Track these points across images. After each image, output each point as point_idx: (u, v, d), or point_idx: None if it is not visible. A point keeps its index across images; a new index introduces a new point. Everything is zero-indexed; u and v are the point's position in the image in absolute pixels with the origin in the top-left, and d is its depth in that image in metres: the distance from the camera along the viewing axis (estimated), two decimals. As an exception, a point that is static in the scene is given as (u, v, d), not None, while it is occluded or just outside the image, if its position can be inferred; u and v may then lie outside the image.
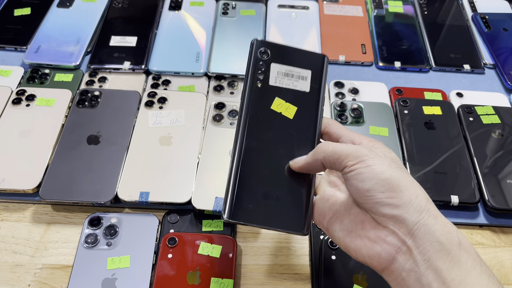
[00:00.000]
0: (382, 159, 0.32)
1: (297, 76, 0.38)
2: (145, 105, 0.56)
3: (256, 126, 0.36)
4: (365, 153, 0.32)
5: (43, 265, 0.45)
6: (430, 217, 0.30)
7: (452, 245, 0.29)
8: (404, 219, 0.30)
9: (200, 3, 0.71)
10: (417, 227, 0.30)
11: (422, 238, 0.29)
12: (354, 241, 0.32)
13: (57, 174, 0.49)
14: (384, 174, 0.31)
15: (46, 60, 0.61)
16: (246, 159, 0.35)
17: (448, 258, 0.29)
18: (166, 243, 0.44)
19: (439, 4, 0.76)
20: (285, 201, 0.34)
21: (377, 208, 0.31)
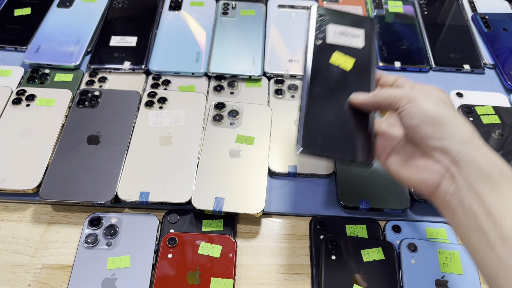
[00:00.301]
0: (431, 99, 0.36)
1: (351, 34, 0.44)
2: (145, 105, 0.56)
3: (319, 77, 0.41)
4: (415, 95, 0.36)
5: (43, 265, 0.45)
6: (473, 148, 0.33)
7: (493, 172, 0.32)
8: (448, 149, 0.34)
9: (200, 3, 0.71)
10: (460, 156, 0.33)
11: (465, 166, 0.33)
12: (406, 171, 0.37)
13: (57, 174, 0.49)
14: (431, 111, 0.35)
15: (46, 60, 0.61)
16: (313, 102, 0.40)
17: (489, 183, 0.32)
18: (166, 243, 0.44)
19: (439, 4, 0.76)
20: (350, 137, 0.39)
21: (425, 141, 0.35)
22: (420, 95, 0.36)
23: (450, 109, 0.36)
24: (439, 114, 0.35)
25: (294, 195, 0.51)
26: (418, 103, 0.36)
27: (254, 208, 0.47)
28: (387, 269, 0.44)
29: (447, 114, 0.35)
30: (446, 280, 0.44)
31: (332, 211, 0.50)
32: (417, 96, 0.36)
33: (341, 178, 0.51)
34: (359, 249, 0.45)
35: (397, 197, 0.49)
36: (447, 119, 0.35)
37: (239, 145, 0.52)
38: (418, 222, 0.49)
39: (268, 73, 0.62)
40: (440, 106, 0.36)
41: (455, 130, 0.34)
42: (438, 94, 0.38)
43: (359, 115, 0.40)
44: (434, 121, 0.35)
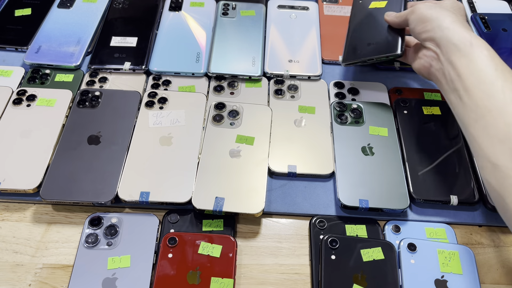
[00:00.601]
0: (426, 6, 0.48)
1: None
2: (146, 105, 0.57)
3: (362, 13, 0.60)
4: (416, 7, 0.49)
5: (44, 265, 0.45)
6: (451, 31, 0.45)
7: (465, 44, 0.43)
8: (433, 37, 0.46)
9: (200, 4, 0.71)
10: (440, 39, 0.45)
11: (444, 46, 0.45)
12: (414, 61, 0.52)
13: (58, 174, 0.49)
14: (421, 13, 0.48)
15: (46, 61, 0.61)
16: (355, 26, 0.60)
17: (460, 53, 0.43)
18: (167, 243, 0.45)
19: (438, 5, 0.76)
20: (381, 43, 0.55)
21: (419, 36, 0.49)
22: (419, 5, 0.49)
23: (440, 9, 0.47)
24: (426, 13, 0.47)
25: (294, 195, 0.51)
26: (414, 11, 0.49)
27: (254, 208, 0.47)
28: (387, 269, 0.44)
29: (434, 13, 0.47)
30: (446, 280, 0.44)
31: (332, 211, 0.50)
32: (416, 7, 0.49)
33: (340, 178, 0.51)
34: (359, 249, 0.45)
35: (397, 197, 0.49)
36: (432, 16, 0.47)
37: (239, 145, 0.52)
38: (418, 222, 0.50)
39: (268, 74, 0.62)
40: (431, 8, 0.47)
41: (438, 22, 0.46)
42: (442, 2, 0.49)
43: (392, 29, 0.55)
44: (423, 19, 0.48)
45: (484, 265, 0.47)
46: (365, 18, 0.60)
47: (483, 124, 0.40)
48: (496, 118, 0.39)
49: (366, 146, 0.54)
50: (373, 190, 0.50)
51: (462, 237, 0.49)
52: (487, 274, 0.47)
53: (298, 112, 0.58)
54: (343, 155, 0.53)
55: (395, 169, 0.52)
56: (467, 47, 0.43)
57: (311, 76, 0.62)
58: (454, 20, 0.45)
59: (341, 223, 0.49)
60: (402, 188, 0.50)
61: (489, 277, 0.47)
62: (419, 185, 0.51)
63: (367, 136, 0.55)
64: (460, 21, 0.45)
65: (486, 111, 0.40)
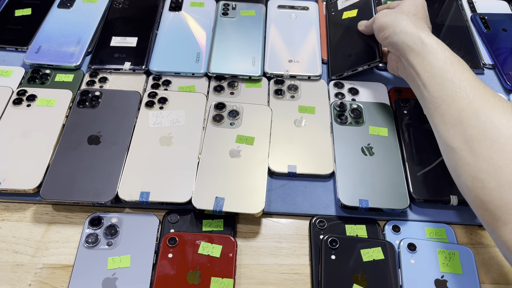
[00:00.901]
0: (383, 14, 0.54)
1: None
2: (146, 105, 0.57)
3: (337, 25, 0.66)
4: (376, 16, 0.55)
5: (44, 265, 0.45)
6: (404, 34, 0.49)
7: (417, 44, 0.48)
8: (392, 43, 0.52)
9: (200, 4, 0.71)
10: (398, 43, 0.50)
11: (402, 48, 0.50)
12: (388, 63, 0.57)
13: (58, 174, 0.49)
14: (379, 22, 0.54)
15: (46, 61, 0.61)
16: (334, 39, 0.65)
17: (415, 53, 0.48)
18: (167, 243, 0.45)
19: (438, 5, 0.76)
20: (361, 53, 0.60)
21: (382, 43, 0.55)
22: (378, 14, 0.55)
23: (395, 15, 0.52)
24: (382, 21, 0.53)
25: (294, 195, 0.51)
26: (374, 20, 0.55)
27: (254, 208, 0.47)
28: (387, 269, 0.44)
29: (389, 20, 0.52)
30: (446, 280, 0.44)
31: (332, 211, 0.50)
32: (375, 16, 0.55)
33: (340, 178, 0.51)
34: (359, 249, 0.45)
35: (397, 197, 0.49)
36: (387, 23, 0.52)
37: (239, 145, 0.52)
38: (418, 222, 0.50)
39: (268, 74, 0.62)
40: (386, 16, 0.53)
41: (393, 28, 0.51)
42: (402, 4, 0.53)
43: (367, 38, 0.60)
44: (381, 28, 0.53)
45: (484, 265, 0.47)
46: (341, 29, 0.65)
47: (440, 112, 0.44)
48: (449, 106, 0.43)
49: (366, 146, 0.54)
50: (373, 190, 0.50)
51: (462, 237, 0.49)
52: (487, 274, 0.47)
53: (298, 112, 0.58)
54: (343, 155, 0.53)
55: (395, 169, 0.52)
56: (418, 46, 0.48)
57: (311, 76, 0.62)
58: (407, 23, 0.50)
59: (341, 223, 0.49)
60: (402, 188, 0.50)
61: (489, 277, 0.47)
62: (419, 185, 0.51)
63: (367, 136, 0.55)
64: (413, 22, 0.50)
65: (440, 101, 0.44)
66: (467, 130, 0.41)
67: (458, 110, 0.42)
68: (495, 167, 0.38)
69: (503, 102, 0.41)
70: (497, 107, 0.40)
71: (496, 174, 0.38)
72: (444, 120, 0.43)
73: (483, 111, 0.40)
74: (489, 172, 0.38)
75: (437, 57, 0.46)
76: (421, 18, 0.52)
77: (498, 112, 0.40)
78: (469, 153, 0.40)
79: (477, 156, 0.39)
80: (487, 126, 0.39)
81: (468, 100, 0.42)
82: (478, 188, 0.39)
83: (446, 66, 0.45)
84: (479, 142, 0.39)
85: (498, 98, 0.41)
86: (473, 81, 0.43)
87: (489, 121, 0.40)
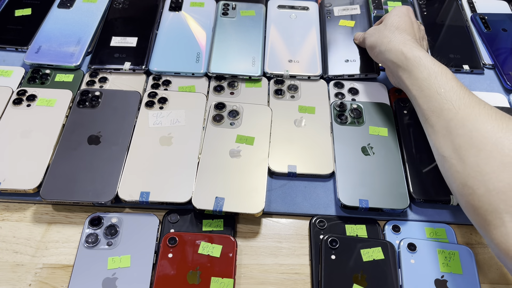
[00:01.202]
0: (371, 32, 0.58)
1: (351, 8, 0.71)
2: (146, 105, 0.57)
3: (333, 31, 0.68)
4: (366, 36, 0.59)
5: (44, 265, 0.45)
6: (389, 52, 0.52)
7: (401, 61, 0.50)
8: (381, 61, 0.56)
9: (200, 4, 0.71)
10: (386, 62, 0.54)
11: (390, 65, 0.53)
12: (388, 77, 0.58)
13: (58, 174, 0.49)
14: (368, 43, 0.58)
15: (46, 61, 0.61)
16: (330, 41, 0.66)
17: (400, 68, 0.51)
18: (167, 243, 0.45)
19: (438, 5, 0.76)
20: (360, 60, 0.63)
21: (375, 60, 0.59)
22: (366, 35, 0.59)
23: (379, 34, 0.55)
24: (370, 42, 0.57)
25: (294, 195, 0.51)
26: (364, 40, 0.60)
27: (254, 208, 0.47)
28: (387, 268, 0.44)
29: (373, 40, 0.56)
30: (446, 280, 0.44)
31: (332, 211, 0.50)
32: (365, 36, 0.60)
33: (340, 178, 0.51)
34: (359, 249, 0.45)
35: (397, 197, 0.49)
36: (373, 44, 0.56)
37: (239, 145, 0.52)
38: (418, 222, 0.50)
39: (268, 74, 0.62)
40: (372, 35, 0.57)
41: (379, 48, 0.54)
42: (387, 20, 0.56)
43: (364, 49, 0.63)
44: (370, 47, 0.58)
45: (484, 265, 0.47)
46: (338, 34, 0.67)
47: (431, 123, 0.46)
48: (438, 117, 0.45)
49: (366, 146, 0.54)
50: (373, 190, 0.50)
51: (462, 237, 0.49)
52: (487, 274, 0.47)
53: (298, 112, 0.58)
54: (343, 155, 0.53)
55: (395, 169, 0.52)
56: (403, 62, 0.50)
57: (311, 76, 0.62)
58: (389, 40, 0.53)
59: (341, 223, 0.49)
60: (402, 188, 0.50)
61: (489, 277, 0.47)
62: (419, 185, 0.51)
63: (367, 136, 0.55)
64: (396, 37, 0.52)
65: (430, 112, 0.46)
66: (456, 139, 0.42)
67: (446, 121, 0.44)
68: (482, 173, 0.39)
69: (487, 110, 0.42)
70: (482, 115, 0.42)
71: (484, 180, 0.39)
72: (435, 131, 0.45)
73: (469, 120, 0.42)
74: (477, 179, 0.39)
75: (421, 70, 0.48)
76: (404, 30, 0.53)
77: (483, 121, 0.41)
78: (458, 161, 0.41)
79: (465, 164, 0.41)
80: (473, 135, 0.41)
81: (454, 110, 0.43)
82: (468, 194, 0.40)
83: (431, 78, 0.46)
84: (466, 150, 0.41)
85: (483, 106, 0.43)
86: (458, 90, 0.45)
87: (475, 129, 0.41)
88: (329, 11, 0.70)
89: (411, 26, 0.55)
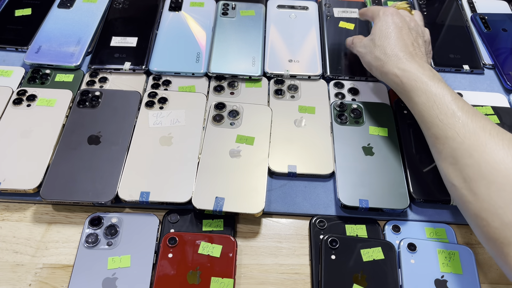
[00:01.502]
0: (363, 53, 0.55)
1: (350, 12, 0.71)
2: (146, 105, 0.57)
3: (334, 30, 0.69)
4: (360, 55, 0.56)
5: (44, 265, 0.45)
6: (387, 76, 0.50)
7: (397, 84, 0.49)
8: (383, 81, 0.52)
9: (200, 4, 0.71)
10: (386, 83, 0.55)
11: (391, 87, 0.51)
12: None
13: (58, 174, 0.49)
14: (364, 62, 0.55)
15: (47, 61, 0.61)
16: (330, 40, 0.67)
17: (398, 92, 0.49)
18: (167, 243, 0.45)
19: (438, 5, 0.76)
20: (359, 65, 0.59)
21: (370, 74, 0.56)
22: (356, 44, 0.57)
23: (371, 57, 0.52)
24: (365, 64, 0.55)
25: (294, 195, 0.51)
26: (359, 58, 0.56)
27: (254, 208, 0.47)
28: (387, 269, 0.44)
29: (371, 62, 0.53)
30: (446, 280, 0.44)
31: (332, 211, 0.50)
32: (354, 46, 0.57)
33: (340, 178, 0.51)
34: (359, 249, 0.45)
35: (397, 197, 0.49)
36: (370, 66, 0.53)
37: (239, 145, 0.52)
38: (418, 222, 0.50)
39: (268, 73, 0.62)
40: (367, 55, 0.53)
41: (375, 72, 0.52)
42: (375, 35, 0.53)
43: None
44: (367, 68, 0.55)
45: (484, 265, 0.47)
46: (338, 35, 0.67)
47: (436, 149, 0.44)
48: (444, 144, 0.43)
49: (366, 146, 0.54)
50: (373, 190, 0.50)
51: (462, 237, 0.49)
52: (487, 274, 0.47)
53: (298, 112, 0.58)
54: (343, 155, 0.53)
55: (395, 169, 0.52)
56: (400, 86, 0.48)
57: (311, 76, 0.62)
58: (383, 63, 0.50)
59: (341, 223, 0.49)
60: (402, 188, 0.50)
61: (489, 277, 0.47)
62: (419, 185, 0.51)
63: (367, 136, 0.55)
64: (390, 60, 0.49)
65: (434, 139, 0.44)
66: (464, 169, 0.40)
67: (452, 149, 0.42)
68: (496, 207, 0.37)
69: (494, 136, 0.40)
70: (489, 143, 0.40)
71: (498, 214, 0.37)
72: (442, 157, 0.43)
73: (476, 150, 0.40)
74: (491, 211, 0.38)
75: (418, 95, 0.46)
76: (395, 45, 0.50)
77: (491, 150, 0.39)
78: (469, 192, 0.40)
79: (477, 196, 0.39)
80: (483, 165, 0.39)
81: (459, 139, 0.41)
82: (483, 226, 0.39)
83: (429, 103, 0.44)
84: (476, 182, 0.39)
85: (488, 132, 0.40)
86: (460, 114, 0.42)
87: (483, 160, 0.39)
88: (329, 10, 0.71)
89: (401, 38, 0.50)
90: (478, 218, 0.39)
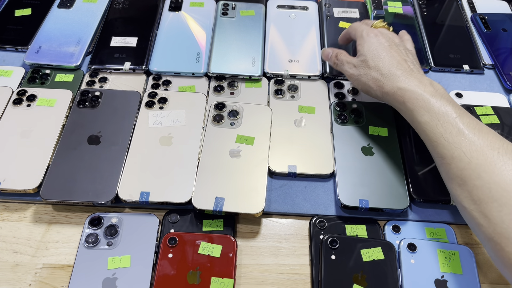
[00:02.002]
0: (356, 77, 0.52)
1: (350, 11, 0.72)
2: (146, 105, 0.57)
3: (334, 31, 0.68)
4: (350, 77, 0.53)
5: (44, 265, 0.45)
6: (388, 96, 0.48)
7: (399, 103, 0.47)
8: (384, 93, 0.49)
9: (200, 4, 0.71)
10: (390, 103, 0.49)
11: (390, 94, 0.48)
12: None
13: (58, 174, 0.49)
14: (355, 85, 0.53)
15: (47, 61, 0.61)
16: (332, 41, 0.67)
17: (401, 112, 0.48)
18: (167, 243, 0.45)
19: (438, 5, 0.76)
20: None
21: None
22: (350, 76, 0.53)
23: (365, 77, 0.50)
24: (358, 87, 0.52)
25: (294, 195, 0.51)
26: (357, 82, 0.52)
27: (254, 208, 0.47)
28: (387, 269, 0.44)
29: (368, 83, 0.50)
30: (446, 280, 0.44)
31: (332, 211, 0.50)
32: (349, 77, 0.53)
33: (340, 178, 0.51)
34: (359, 249, 0.45)
35: (397, 197, 0.49)
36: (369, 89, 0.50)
37: (239, 145, 0.52)
38: (418, 222, 0.50)
39: (268, 73, 0.62)
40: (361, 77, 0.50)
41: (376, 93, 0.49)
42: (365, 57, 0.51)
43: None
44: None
45: (484, 265, 0.47)
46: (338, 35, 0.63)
47: (443, 170, 0.43)
48: (450, 164, 0.41)
49: (366, 146, 0.54)
50: (373, 190, 0.50)
51: (462, 237, 0.49)
52: (487, 274, 0.47)
53: (298, 112, 0.58)
54: (343, 155, 0.53)
55: (395, 169, 0.52)
56: (402, 106, 0.46)
57: (311, 76, 0.62)
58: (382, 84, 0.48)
59: (341, 223, 0.49)
60: (402, 188, 0.50)
61: (489, 277, 0.47)
62: (419, 185, 0.51)
63: (367, 136, 0.55)
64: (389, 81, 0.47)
65: (440, 159, 0.43)
66: (473, 191, 0.39)
67: (459, 169, 0.40)
68: (509, 231, 0.36)
69: (502, 155, 0.39)
70: (498, 163, 0.38)
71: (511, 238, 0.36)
72: (450, 177, 0.42)
73: (485, 170, 0.38)
74: (504, 236, 0.36)
75: (421, 114, 0.44)
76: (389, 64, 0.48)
77: (500, 171, 0.38)
78: (480, 215, 0.38)
79: (489, 219, 0.38)
80: (492, 187, 0.38)
81: (466, 159, 0.40)
82: (497, 250, 0.37)
83: (433, 121, 0.43)
84: (487, 204, 0.38)
85: (496, 151, 0.39)
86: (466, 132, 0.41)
87: (493, 182, 0.38)
88: (329, 10, 0.71)
89: (393, 56, 0.49)
90: (491, 242, 0.38)
